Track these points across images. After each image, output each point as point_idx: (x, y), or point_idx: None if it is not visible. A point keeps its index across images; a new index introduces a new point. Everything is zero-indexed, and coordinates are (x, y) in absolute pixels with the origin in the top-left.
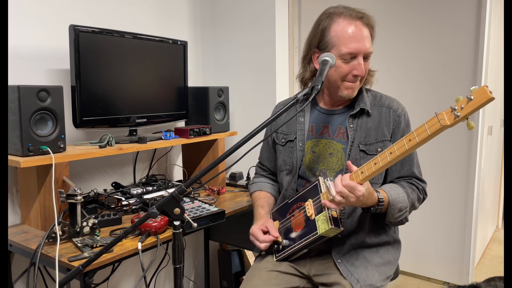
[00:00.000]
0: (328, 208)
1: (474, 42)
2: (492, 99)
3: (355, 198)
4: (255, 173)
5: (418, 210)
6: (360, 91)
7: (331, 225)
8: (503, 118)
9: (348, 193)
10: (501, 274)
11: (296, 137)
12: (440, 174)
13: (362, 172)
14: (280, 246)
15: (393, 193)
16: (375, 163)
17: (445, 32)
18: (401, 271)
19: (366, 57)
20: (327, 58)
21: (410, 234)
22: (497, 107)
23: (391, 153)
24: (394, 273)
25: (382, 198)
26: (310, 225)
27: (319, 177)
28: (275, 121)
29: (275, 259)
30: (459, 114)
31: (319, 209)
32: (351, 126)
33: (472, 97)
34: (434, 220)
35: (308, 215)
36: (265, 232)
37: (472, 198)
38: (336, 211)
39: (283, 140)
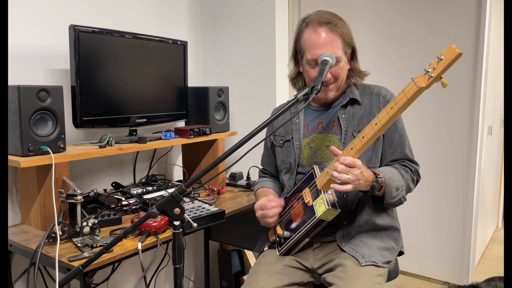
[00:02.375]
0: (324, 192)
1: (474, 42)
2: (460, 54)
3: (359, 170)
4: (258, 177)
5: (418, 209)
6: (348, 86)
7: (328, 206)
8: (503, 118)
9: (350, 168)
10: (501, 274)
11: (292, 137)
12: (440, 174)
13: (352, 148)
14: (282, 239)
15: (387, 172)
16: (363, 137)
17: (445, 32)
18: (401, 271)
19: None
20: (327, 58)
21: (411, 234)
22: (497, 107)
23: (376, 124)
24: (394, 272)
25: (377, 173)
26: (308, 211)
27: (314, 165)
28: (272, 125)
29: (278, 254)
30: (432, 74)
31: (316, 194)
32: (343, 116)
33: (442, 57)
34: (434, 220)
35: (306, 202)
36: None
37: (472, 198)
38: (332, 194)
39: (280, 142)
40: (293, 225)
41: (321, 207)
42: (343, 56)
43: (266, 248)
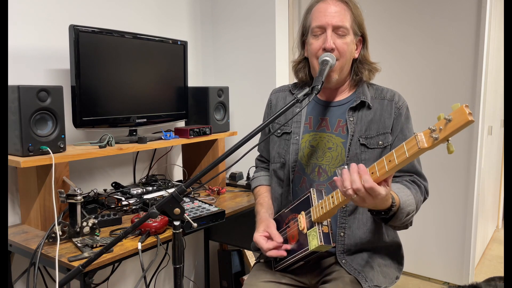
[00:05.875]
0: (319, 223)
1: (474, 42)
2: (471, 122)
3: (372, 200)
4: (255, 167)
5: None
6: (361, 84)
7: (321, 242)
8: (503, 118)
9: (367, 194)
10: (501, 274)
11: (292, 130)
12: (440, 174)
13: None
14: (277, 258)
15: (403, 195)
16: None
17: (445, 32)
18: None
19: (338, 32)
20: (327, 58)
21: (410, 234)
22: (497, 107)
23: (372, 173)
24: None
25: (394, 203)
26: (302, 239)
27: (311, 188)
28: (270, 111)
29: (273, 269)
30: (437, 136)
31: (311, 223)
32: (351, 119)
33: (450, 118)
34: (434, 220)
35: (301, 228)
36: (268, 238)
37: (472, 198)
38: (327, 226)
39: (279, 131)
40: (288, 247)
41: (313, 241)
42: (351, 30)
43: (262, 260)
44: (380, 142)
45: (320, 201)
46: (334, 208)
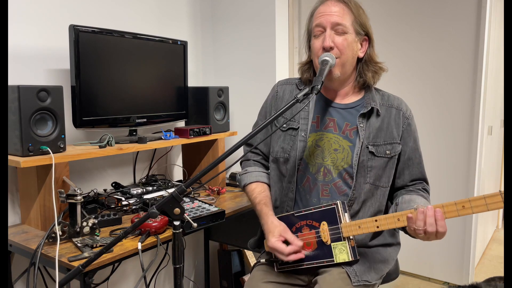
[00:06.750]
0: (347, 238)
1: (474, 42)
2: None
3: (435, 239)
4: (245, 159)
5: None
6: (370, 90)
7: (352, 257)
8: (503, 118)
9: (434, 236)
10: (501, 274)
11: (299, 126)
12: (440, 174)
13: None
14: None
15: None
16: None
17: (445, 32)
18: (401, 271)
19: (337, 30)
20: (327, 58)
21: None
22: (497, 107)
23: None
24: (394, 273)
25: None
26: (324, 249)
27: (338, 201)
28: (275, 102)
29: (276, 270)
30: None
31: (338, 238)
32: (362, 125)
33: None
34: None
35: (324, 240)
36: (284, 243)
37: None
38: (353, 239)
39: (284, 126)
40: (303, 253)
41: (342, 255)
42: (351, 28)
43: (262, 260)
44: (387, 152)
45: (345, 215)
46: (375, 232)
